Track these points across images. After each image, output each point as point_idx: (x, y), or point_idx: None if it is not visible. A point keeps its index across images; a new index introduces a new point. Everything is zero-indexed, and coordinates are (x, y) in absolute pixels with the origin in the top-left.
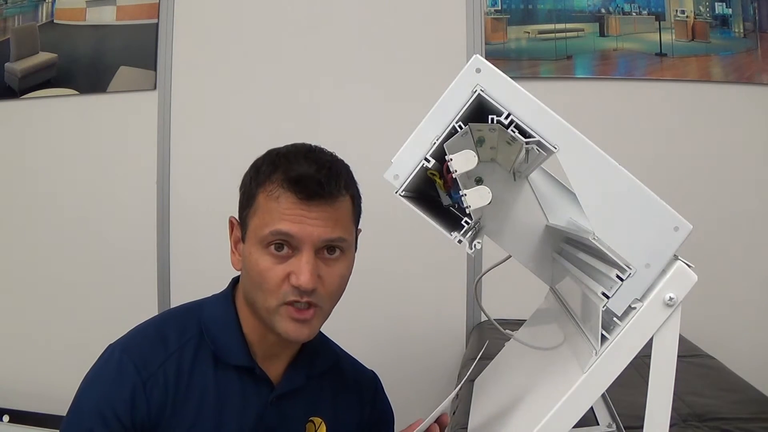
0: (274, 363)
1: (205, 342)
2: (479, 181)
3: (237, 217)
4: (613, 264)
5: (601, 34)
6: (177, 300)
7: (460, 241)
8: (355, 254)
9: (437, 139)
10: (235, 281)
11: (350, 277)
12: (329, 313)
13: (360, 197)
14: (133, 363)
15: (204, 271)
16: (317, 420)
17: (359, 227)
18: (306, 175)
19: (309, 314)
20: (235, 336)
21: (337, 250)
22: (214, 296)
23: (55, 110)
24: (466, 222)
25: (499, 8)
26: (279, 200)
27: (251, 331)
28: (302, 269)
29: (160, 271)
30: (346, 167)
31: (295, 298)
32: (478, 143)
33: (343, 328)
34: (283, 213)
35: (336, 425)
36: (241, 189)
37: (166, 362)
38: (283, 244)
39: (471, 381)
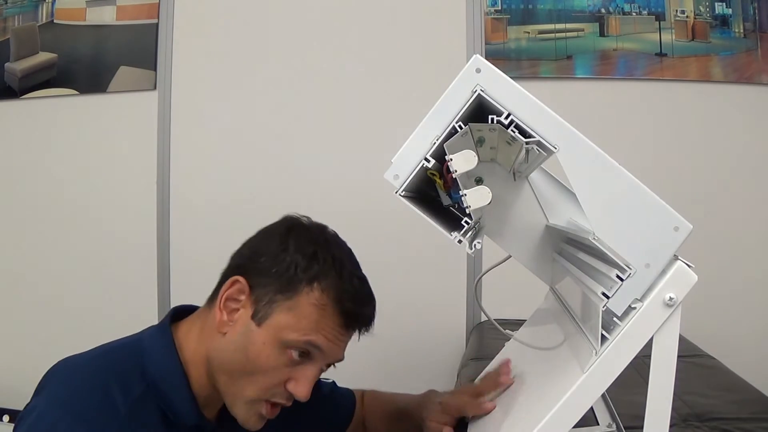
0: (212, 408)
1: (150, 398)
2: (479, 181)
3: (246, 278)
4: (613, 264)
5: (601, 34)
6: (177, 299)
7: (460, 241)
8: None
9: (437, 139)
10: (174, 314)
11: None
12: None
13: None
14: None
15: (204, 271)
16: None
17: None
18: (364, 315)
19: (277, 411)
20: (186, 395)
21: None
22: (152, 336)
23: (55, 110)
24: (466, 222)
25: (499, 8)
26: (326, 317)
27: (199, 384)
28: (305, 382)
29: (160, 271)
30: None
31: (282, 402)
32: (478, 143)
33: None
34: (323, 329)
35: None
36: (273, 267)
37: (122, 429)
38: (307, 354)
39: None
